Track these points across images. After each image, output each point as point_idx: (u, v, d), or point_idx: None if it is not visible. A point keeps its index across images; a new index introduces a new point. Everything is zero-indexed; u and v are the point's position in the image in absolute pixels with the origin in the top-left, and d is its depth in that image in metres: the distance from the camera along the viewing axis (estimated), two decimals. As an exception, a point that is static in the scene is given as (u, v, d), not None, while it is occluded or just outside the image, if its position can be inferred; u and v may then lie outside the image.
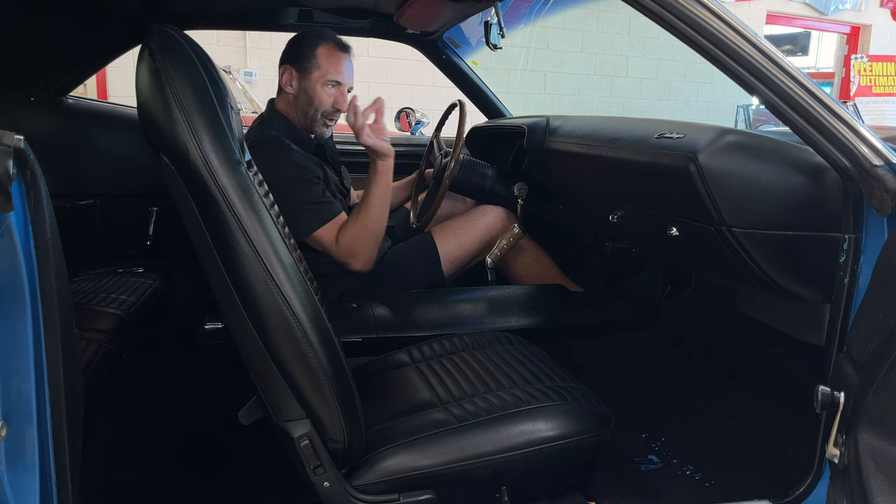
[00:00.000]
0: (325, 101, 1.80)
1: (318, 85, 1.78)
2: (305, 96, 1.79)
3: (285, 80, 1.81)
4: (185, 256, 1.32)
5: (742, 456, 1.56)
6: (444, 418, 1.16)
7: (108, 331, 1.53)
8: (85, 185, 2.11)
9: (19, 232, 0.65)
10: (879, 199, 0.99)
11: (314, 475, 1.03)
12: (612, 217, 1.59)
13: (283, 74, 1.81)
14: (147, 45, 0.93)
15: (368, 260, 1.74)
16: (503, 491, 1.14)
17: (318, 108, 1.80)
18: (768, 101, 1.02)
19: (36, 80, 2.05)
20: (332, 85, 1.79)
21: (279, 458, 1.13)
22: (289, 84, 1.81)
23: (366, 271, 1.76)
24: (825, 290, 1.16)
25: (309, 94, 1.79)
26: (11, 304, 0.66)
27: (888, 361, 0.76)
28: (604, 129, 1.57)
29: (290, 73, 1.80)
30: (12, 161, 0.62)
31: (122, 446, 1.63)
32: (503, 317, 1.83)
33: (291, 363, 0.97)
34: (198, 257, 0.97)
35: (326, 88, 1.79)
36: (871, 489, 0.76)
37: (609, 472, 1.48)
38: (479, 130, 2.44)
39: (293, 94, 1.81)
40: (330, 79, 1.78)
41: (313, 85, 1.78)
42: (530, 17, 5.11)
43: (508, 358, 1.38)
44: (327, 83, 1.79)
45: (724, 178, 1.16)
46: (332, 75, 1.79)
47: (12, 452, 0.67)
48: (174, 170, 0.92)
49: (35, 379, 0.68)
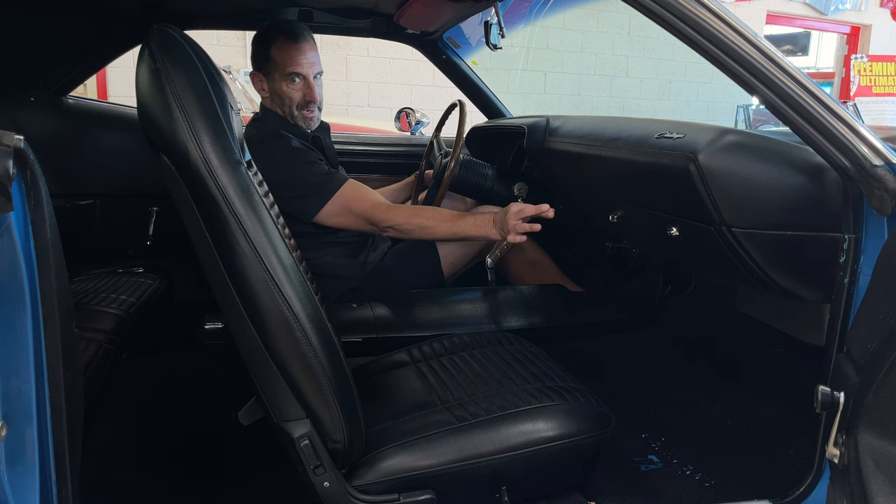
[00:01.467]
0: (294, 96, 1.79)
1: (281, 84, 1.78)
2: (276, 97, 1.80)
3: (258, 87, 1.83)
4: (185, 256, 1.32)
5: (742, 456, 1.56)
6: (444, 418, 1.16)
7: (108, 331, 1.53)
8: (85, 185, 2.11)
9: (19, 232, 0.65)
10: (879, 199, 0.99)
11: (314, 475, 1.03)
12: (612, 217, 1.59)
13: (254, 81, 1.83)
14: (147, 45, 0.93)
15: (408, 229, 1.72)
16: (503, 491, 1.14)
17: (290, 104, 1.80)
18: (768, 101, 1.02)
19: (36, 80, 2.05)
20: (293, 79, 1.78)
21: (279, 458, 1.13)
22: (261, 89, 1.83)
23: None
24: (825, 290, 1.16)
25: (278, 94, 1.79)
26: (11, 304, 0.66)
27: (888, 361, 0.76)
28: (604, 129, 1.57)
29: (258, 78, 1.82)
30: (12, 161, 0.62)
31: (122, 446, 1.63)
32: (503, 317, 1.83)
33: (291, 363, 0.97)
34: (198, 257, 0.97)
35: (290, 84, 1.78)
36: (871, 489, 0.76)
37: (609, 472, 1.48)
38: (479, 130, 2.44)
39: (267, 96, 1.83)
40: (288, 72, 1.77)
41: (278, 84, 1.78)
42: (530, 17, 5.12)
43: (508, 358, 1.38)
44: (288, 79, 1.78)
45: (724, 178, 1.16)
46: (290, 68, 1.77)
47: (12, 452, 0.67)
48: (174, 170, 0.92)
49: (35, 379, 0.68)
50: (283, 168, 1.69)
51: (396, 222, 1.71)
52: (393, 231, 1.74)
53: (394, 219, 1.71)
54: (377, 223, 1.72)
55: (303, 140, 1.80)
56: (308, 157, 1.74)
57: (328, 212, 1.72)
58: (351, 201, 1.73)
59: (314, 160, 1.75)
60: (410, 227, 1.71)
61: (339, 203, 1.72)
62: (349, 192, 1.74)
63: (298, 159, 1.72)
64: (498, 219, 1.65)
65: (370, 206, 1.73)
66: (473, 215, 1.71)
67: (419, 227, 1.71)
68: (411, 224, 1.70)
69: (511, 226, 1.60)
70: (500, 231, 1.64)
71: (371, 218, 1.72)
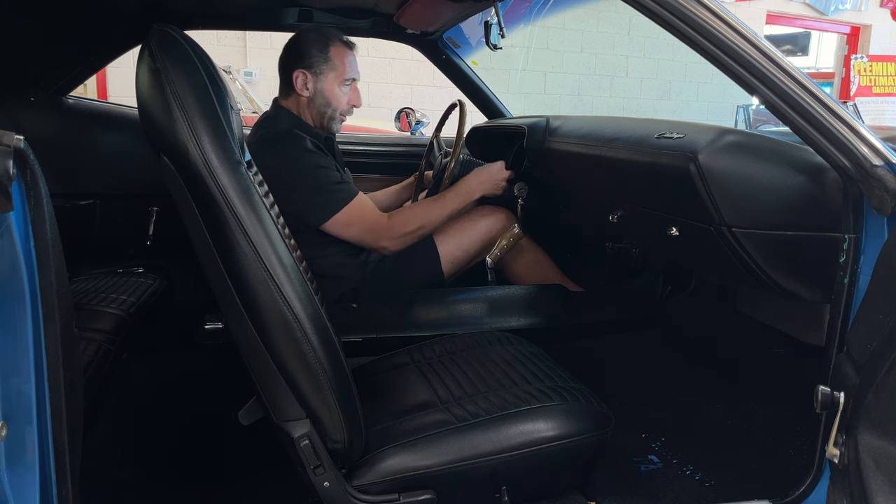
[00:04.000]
0: (342, 100, 1.83)
1: (335, 86, 1.81)
2: (322, 98, 1.81)
3: (300, 84, 1.80)
4: (185, 256, 1.32)
5: (742, 456, 1.56)
6: (444, 418, 1.16)
7: (108, 331, 1.53)
8: (85, 185, 2.11)
9: (19, 232, 0.65)
10: (879, 199, 0.99)
11: (314, 475, 1.03)
12: (612, 217, 1.59)
13: (297, 78, 1.80)
14: (147, 45, 0.93)
15: (400, 246, 1.83)
16: (503, 491, 1.14)
17: (336, 107, 1.83)
18: (768, 101, 1.02)
19: (36, 80, 2.05)
20: (347, 84, 1.83)
21: (279, 458, 1.13)
22: (304, 87, 1.81)
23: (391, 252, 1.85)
24: (825, 290, 1.15)
25: (326, 95, 1.81)
26: (11, 304, 0.66)
27: (888, 361, 0.76)
28: (604, 129, 1.57)
29: (304, 77, 1.80)
30: (12, 161, 0.62)
31: (122, 446, 1.63)
32: (503, 317, 1.83)
33: (291, 363, 0.97)
34: (198, 257, 0.97)
35: (343, 88, 1.82)
36: (871, 489, 0.76)
37: (609, 472, 1.48)
38: (479, 130, 2.44)
39: (309, 96, 1.82)
40: (347, 77, 1.82)
41: (331, 86, 1.80)
42: (530, 17, 5.11)
43: (508, 358, 1.38)
44: (344, 82, 1.82)
45: (724, 178, 1.16)
46: (349, 73, 1.82)
47: (12, 452, 0.67)
48: (174, 170, 0.92)
49: (35, 379, 0.68)
50: (297, 169, 1.70)
51: (395, 234, 1.80)
52: (389, 245, 1.81)
53: (393, 231, 1.80)
54: (379, 237, 1.79)
55: (316, 141, 1.80)
56: (321, 160, 1.76)
57: (336, 221, 1.75)
58: (358, 216, 1.77)
59: (328, 165, 1.76)
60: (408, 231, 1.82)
61: (347, 215, 1.76)
62: (358, 206, 1.77)
63: (312, 162, 1.74)
64: (481, 180, 1.93)
65: (373, 222, 1.79)
66: (450, 191, 1.90)
67: (416, 230, 1.82)
68: (409, 228, 1.81)
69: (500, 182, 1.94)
70: (490, 189, 1.93)
71: (373, 232, 1.79)
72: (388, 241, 1.80)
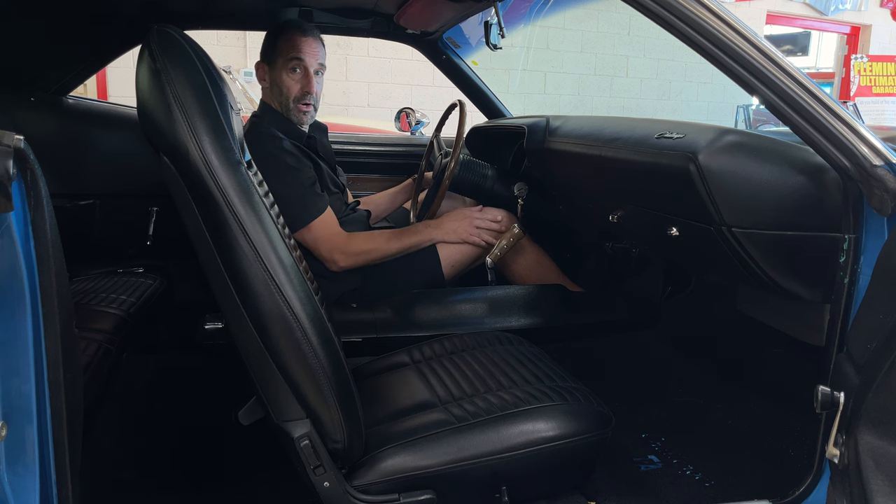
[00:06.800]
0: (292, 87, 1.82)
1: (283, 73, 1.81)
2: (276, 87, 1.83)
3: (260, 75, 1.88)
4: (185, 256, 1.32)
5: (742, 456, 1.56)
6: (444, 418, 1.16)
7: (108, 331, 1.53)
8: (85, 185, 2.11)
9: (19, 232, 0.65)
10: (879, 199, 0.99)
11: (314, 475, 1.03)
12: (612, 217, 1.59)
13: (258, 70, 1.88)
14: (147, 45, 0.93)
15: (348, 266, 1.80)
16: (503, 491, 1.14)
17: (287, 95, 1.82)
18: (768, 101, 1.02)
19: (36, 80, 2.05)
20: (294, 69, 1.80)
21: (279, 459, 1.14)
22: (262, 78, 1.87)
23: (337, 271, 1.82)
24: (825, 290, 1.16)
25: (278, 84, 1.82)
26: (11, 304, 0.66)
27: (888, 361, 0.76)
28: (604, 129, 1.57)
29: (262, 68, 1.86)
30: (12, 161, 0.62)
31: (122, 446, 1.63)
32: (503, 317, 1.83)
33: (291, 363, 0.97)
34: (198, 257, 0.97)
35: (290, 74, 1.81)
36: (871, 489, 0.76)
37: (609, 472, 1.48)
38: (479, 130, 2.44)
39: (267, 87, 1.86)
40: (290, 57, 1.79)
41: (279, 73, 1.81)
42: (530, 17, 5.12)
43: (508, 358, 1.38)
44: (289, 67, 1.80)
45: (724, 178, 1.16)
46: (292, 53, 1.79)
47: (12, 452, 0.67)
48: (174, 170, 0.92)
49: (35, 379, 0.68)
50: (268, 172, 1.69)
51: (350, 251, 1.77)
52: (340, 259, 1.77)
53: (350, 247, 1.78)
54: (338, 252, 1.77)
55: (296, 141, 1.80)
56: (296, 163, 1.76)
57: (306, 233, 1.75)
58: (325, 229, 1.76)
59: (302, 169, 1.76)
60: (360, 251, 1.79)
61: (317, 229, 1.75)
62: (328, 219, 1.77)
63: (285, 166, 1.73)
64: (445, 223, 1.86)
65: (334, 234, 1.78)
66: (421, 225, 1.88)
67: (366, 253, 1.80)
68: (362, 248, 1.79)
69: (467, 234, 1.89)
70: (450, 235, 1.88)
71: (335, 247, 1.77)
72: (340, 255, 1.78)
